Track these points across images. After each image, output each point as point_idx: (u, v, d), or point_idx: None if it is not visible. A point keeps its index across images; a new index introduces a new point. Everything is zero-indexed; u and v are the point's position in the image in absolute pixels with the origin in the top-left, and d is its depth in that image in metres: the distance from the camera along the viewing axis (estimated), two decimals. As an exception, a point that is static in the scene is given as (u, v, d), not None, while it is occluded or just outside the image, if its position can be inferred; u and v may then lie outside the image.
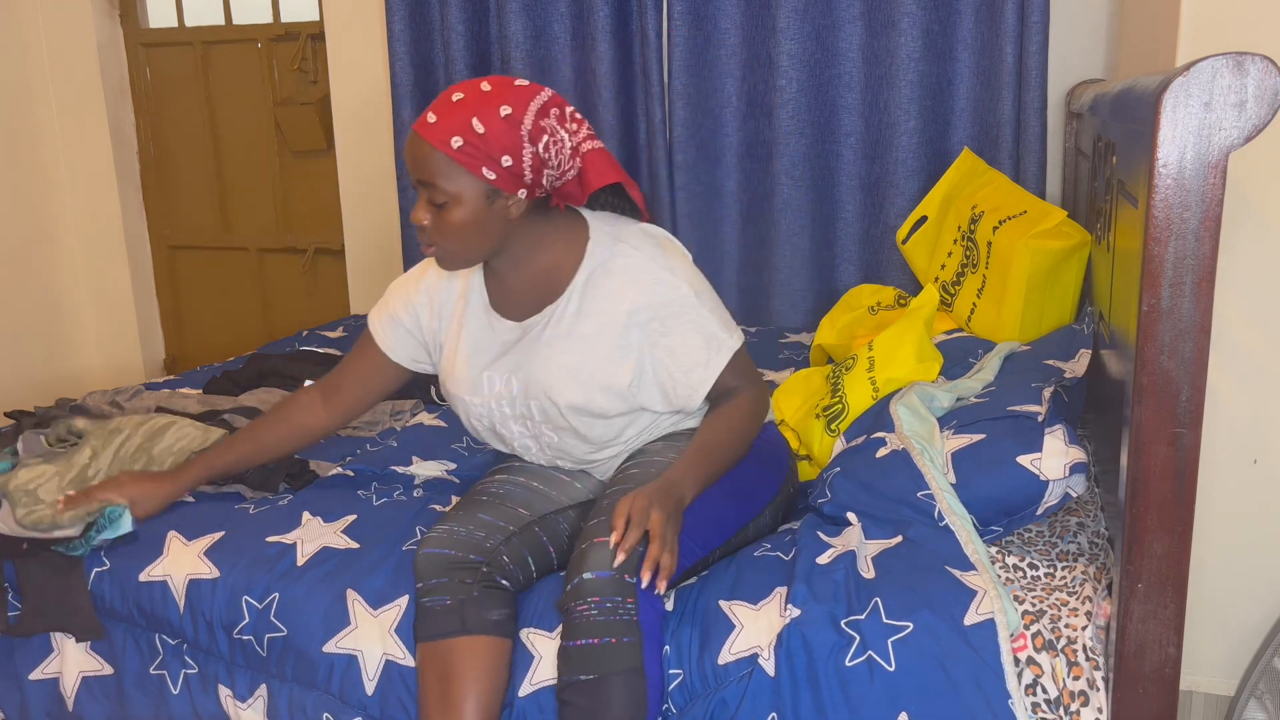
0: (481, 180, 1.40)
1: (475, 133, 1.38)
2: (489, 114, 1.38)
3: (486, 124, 1.38)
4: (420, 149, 1.40)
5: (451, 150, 1.38)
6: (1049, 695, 1.30)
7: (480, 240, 1.45)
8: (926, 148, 2.55)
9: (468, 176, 1.40)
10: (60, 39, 3.50)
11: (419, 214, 1.44)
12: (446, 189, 1.40)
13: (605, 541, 1.37)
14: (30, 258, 3.53)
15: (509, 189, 1.42)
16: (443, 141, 1.38)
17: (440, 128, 1.38)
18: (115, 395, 2.26)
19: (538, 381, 1.52)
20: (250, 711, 1.54)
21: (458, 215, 1.41)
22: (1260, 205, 1.69)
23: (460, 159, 1.38)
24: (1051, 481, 1.45)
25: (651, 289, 1.49)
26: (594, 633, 1.32)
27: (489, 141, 1.38)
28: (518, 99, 1.40)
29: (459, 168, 1.39)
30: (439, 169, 1.39)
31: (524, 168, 1.41)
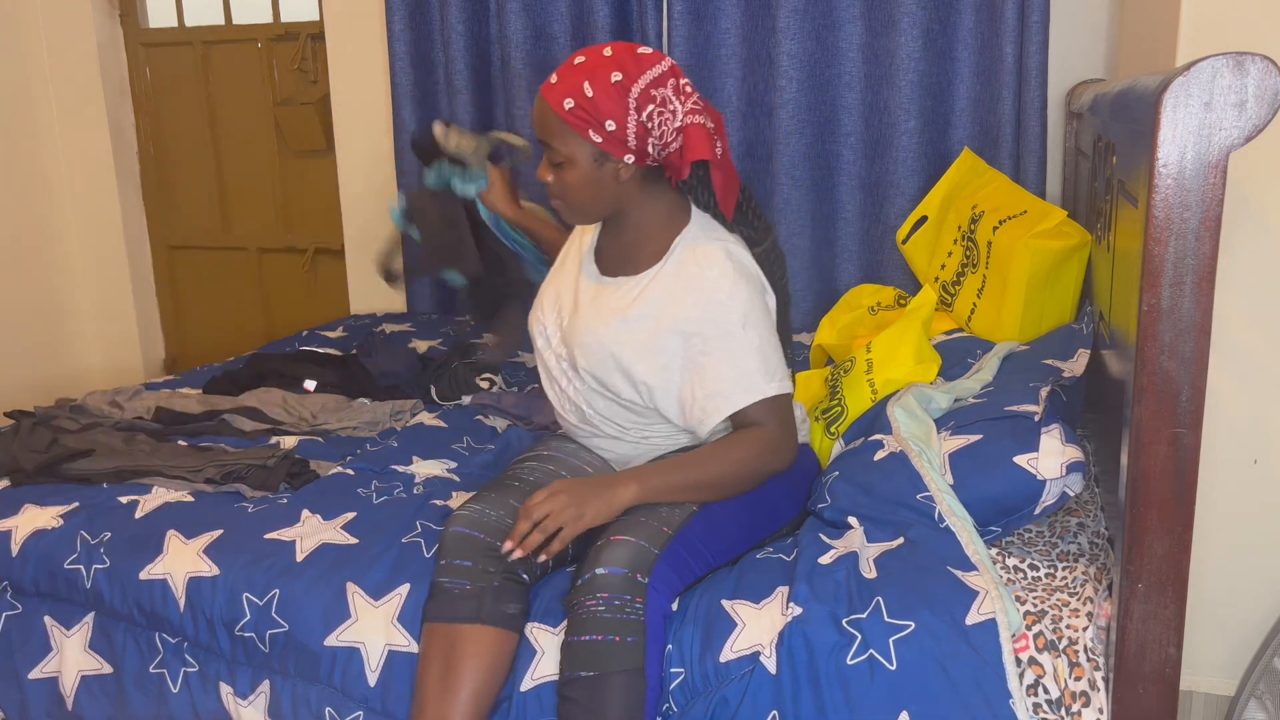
0: (589, 143, 1.47)
1: (585, 96, 1.45)
2: (601, 79, 1.45)
3: (596, 89, 1.44)
4: (541, 108, 1.49)
5: (563, 111, 1.46)
6: (1050, 696, 1.30)
7: (595, 200, 1.53)
8: (926, 148, 2.55)
9: (577, 138, 1.47)
10: (60, 39, 3.50)
11: (542, 171, 1.54)
12: (560, 149, 1.49)
13: (623, 540, 1.38)
14: (30, 258, 3.53)
15: (616, 153, 1.48)
16: (557, 103, 1.46)
17: (557, 89, 1.47)
18: (115, 395, 2.26)
19: (574, 336, 1.59)
20: (251, 709, 1.54)
21: (572, 175, 1.50)
22: (1260, 205, 1.69)
23: (570, 120, 1.46)
24: (1048, 481, 1.46)
25: (706, 305, 1.51)
26: (599, 629, 1.32)
27: (596, 106, 1.45)
28: (634, 66, 1.46)
29: (570, 129, 1.47)
30: (554, 129, 1.48)
31: (628, 134, 1.46)
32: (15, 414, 2.21)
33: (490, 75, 2.93)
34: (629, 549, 1.37)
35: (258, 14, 3.43)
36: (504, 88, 2.85)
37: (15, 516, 1.73)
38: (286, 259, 3.59)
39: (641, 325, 1.54)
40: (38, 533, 1.69)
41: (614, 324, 1.55)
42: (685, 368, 1.53)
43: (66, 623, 1.66)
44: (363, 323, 3.02)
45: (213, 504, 1.72)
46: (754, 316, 1.52)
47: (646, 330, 1.53)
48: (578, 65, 1.47)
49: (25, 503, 1.76)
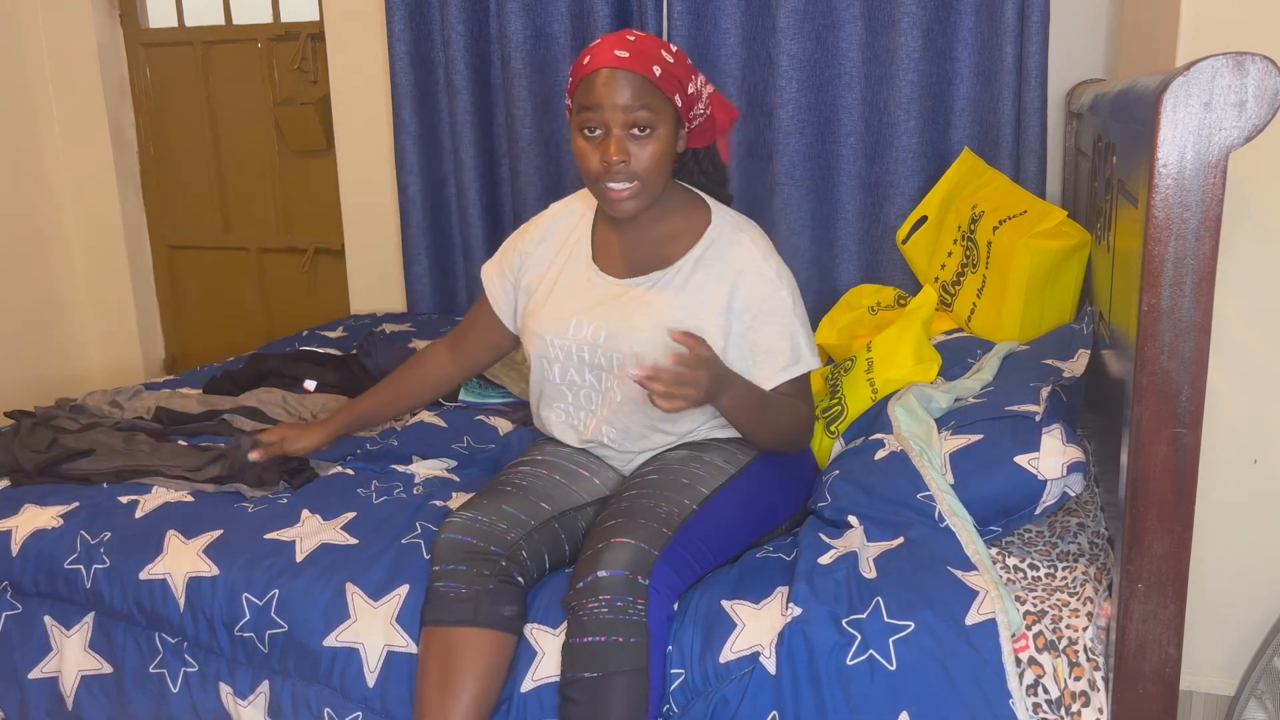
0: (673, 106, 1.50)
1: (667, 61, 1.48)
2: (666, 48, 1.51)
3: (669, 54, 1.50)
4: (621, 81, 1.45)
5: (654, 76, 1.46)
6: (1050, 696, 1.30)
7: (666, 172, 1.52)
8: (926, 148, 2.55)
9: (667, 103, 1.49)
10: (60, 39, 3.50)
11: (618, 150, 1.45)
12: (652, 114, 1.47)
13: (623, 542, 1.37)
14: (30, 258, 3.53)
15: (685, 120, 1.53)
16: (647, 68, 1.46)
17: (638, 58, 1.46)
18: (115, 395, 2.26)
19: (626, 335, 1.56)
20: (251, 709, 1.54)
21: (657, 145, 1.48)
22: (1260, 205, 1.69)
23: (662, 84, 1.47)
24: (1049, 481, 1.46)
25: (758, 283, 1.55)
26: (601, 631, 1.32)
27: (678, 68, 1.49)
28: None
29: (661, 93, 1.47)
30: (646, 96, 1.46)
31: (694, 98, 1.53)
32: (15, 414, 2.21)
33: (490, 75, 2.93)
34: (629, 551, 1.37)
35: (258, 14, 3.43)
36: (504, 88, 2.85)
37: (15, 516, 1.74)
38: (286, 259, 3.59)
39: (699, 312, 1.55)
40: (38, 533, 1.69)
41: (674, 315, 1.55)
42: (736, 344, 1.56)
43: (66, 623, 1.66)
44: (363, 323, 3.02)
45: (213, 504, 1.72)
46: (795, 290, 1.58)
47: (704, 317, 1.55)
48: (638, 39, 1.49)
49: (25, 503, 1.76)
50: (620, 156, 1.46)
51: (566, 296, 1.63)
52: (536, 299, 1.66)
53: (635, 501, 1.46)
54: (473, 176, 2.94)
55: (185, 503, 1.73)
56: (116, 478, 1.82)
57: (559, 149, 2.87)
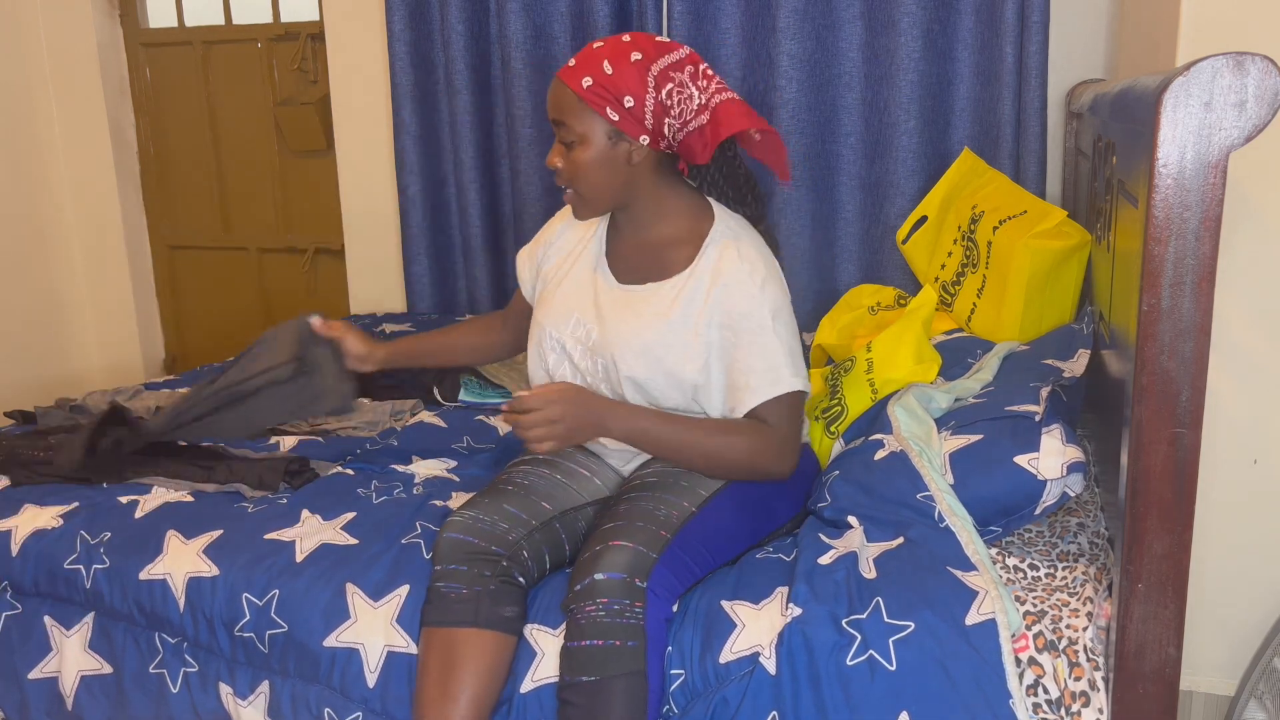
0: (605, 120, 1.49)
1: (604, 73, 1.47)
2: (620, 58, 1.48)
3: (615, 66, 1.48)
4: (556, 89, 1.51)
5: (581, 89, 1.48)
6: (1050, 696, 1.30)
7: (606, 184, 1.53)
8: (926, 148, 2.55)
9: (594, 116, 1.49)
10: (60, 39, 3.50)
11: (552, 157, 1.54)
12: (575, 127, 1.50)
13: (620, 545, 1.37)
14: (30, 258, 3.53)
15: (632, 133, 1.50)
16: (575, 82, 1.48)
17: (576, 70, 1.49)
18: (115, 395, 2.26)
19: (611, 344, 1.56)
20: (251, 709, 1.54)
21: (584, 155, 1.50)
22: (1260, 205, 1.69)
23: (588, 98, 1.48)
24: (1049, 481, 1.45)
25: (738, 298, 1.52)
26: (599, 634, 1.32)
27: (615, 82, 1.47)
28: (653, 49, 1.50)
29: (586, 106, 1.48)
30: (569, 107, 1.49)
31: (645, 111, 1.49)
32: (15, 414, 2.21)
33: (490, 75, 2.93)
34: (627, 554, 1.37)
35: (258, 14, 3.43)
36: (504, 88, 2.85)
37: (15, 516, 1.73)
38: (286, 259, 3.59)
39: (685, 327, 1.54)
40: (38, 533, 1.69)
41: (659, 328, 1.54)
42: (718, 359, 1.54)
43: (66, 623, 1.66)
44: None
45: (213, 504, 1.72)
46: (783, 313, 1.54)
47: (690, 331, 1.53)
48: (597, 48, 1.50)
49: (25, 503, 1.76)
50: (551, 162, 1.54)
51: (573, 291, 1.64)
52: (549, 289, 1.68)
53: (633, 504, 1.46)
54: (473, 176, 2.94)
55: (185, 503, 1.73)
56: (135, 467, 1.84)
57: (559, 149, 2.87)
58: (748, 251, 1.54)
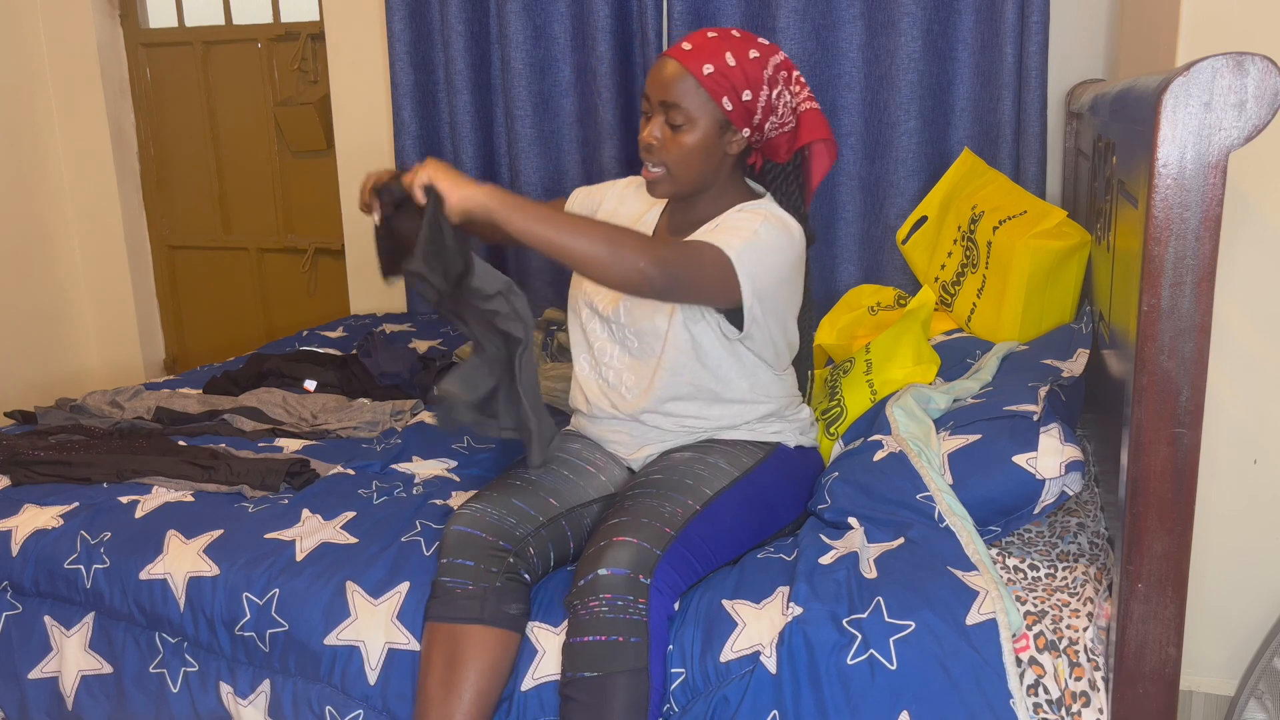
0: (720, 109, 1.52)
1: (727, 64, 1.50)
2: (741, 52, 1.52)
3: (738, 59, 1.51)
4: (671, 70, 1.51)
5: (702, 75, 1.50)
6: (1050, 696, 1.30)
7: (700, 168, 1.55)
8: (926, 148, 2.55)
9: (710, 103, 1.51)
10: (60, 39, 3.50)
11: (651, 132, 1.54)
12: (689, 110, 1.51)
13: (625, 541, 1.38)
14: (30, 258, 3.53)
15: (739, 125, 1.54)
16: (697, 66, 1.50)
17: (695, 54, 1.51)
18: (115, 395, 2.26)
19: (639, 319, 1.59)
20: (251, 708, 1.54)
21: (690, 138, 1.52)
22: (1260, 205, 1.69)
23: (708, 84, 1.50)
24: (1048, 480, 1.46)
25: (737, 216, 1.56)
26: (602, 630, 1.32)
27: (736, 75, 1.50)
28: (764, 49, 1.55)
29: (704, 93, 1.51)
30: (687, 90, 1.50)
31: (757, 107, 1.53)
32: (15, 414, 2.22)
33: (490, 75, 2.93)
34: (631, 550, 1.37)
35: (258, 14, 3.43)
36: (504, 88, 2.85)
37: (15, 516, 1.73)
38: (286, 259, 3.59)
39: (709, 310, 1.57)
40: (38, 533, 1.69)
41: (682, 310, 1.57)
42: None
43: (66, 623, 1.66)
44: (363, 323, 3.02)
45: (213, 504, 1.72)
46: (767, 237, 1.51)
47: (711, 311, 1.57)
48: (713, 38, 1.52)
49: (25, 503, 1.76)
50: (649, 139, 1.54)
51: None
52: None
53: (639, 501, 1.46)
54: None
55: (185, 503, 1.73)
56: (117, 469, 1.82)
57: (559, 149, 2.87)
58: (765, 209, 1.58)
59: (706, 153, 1.54)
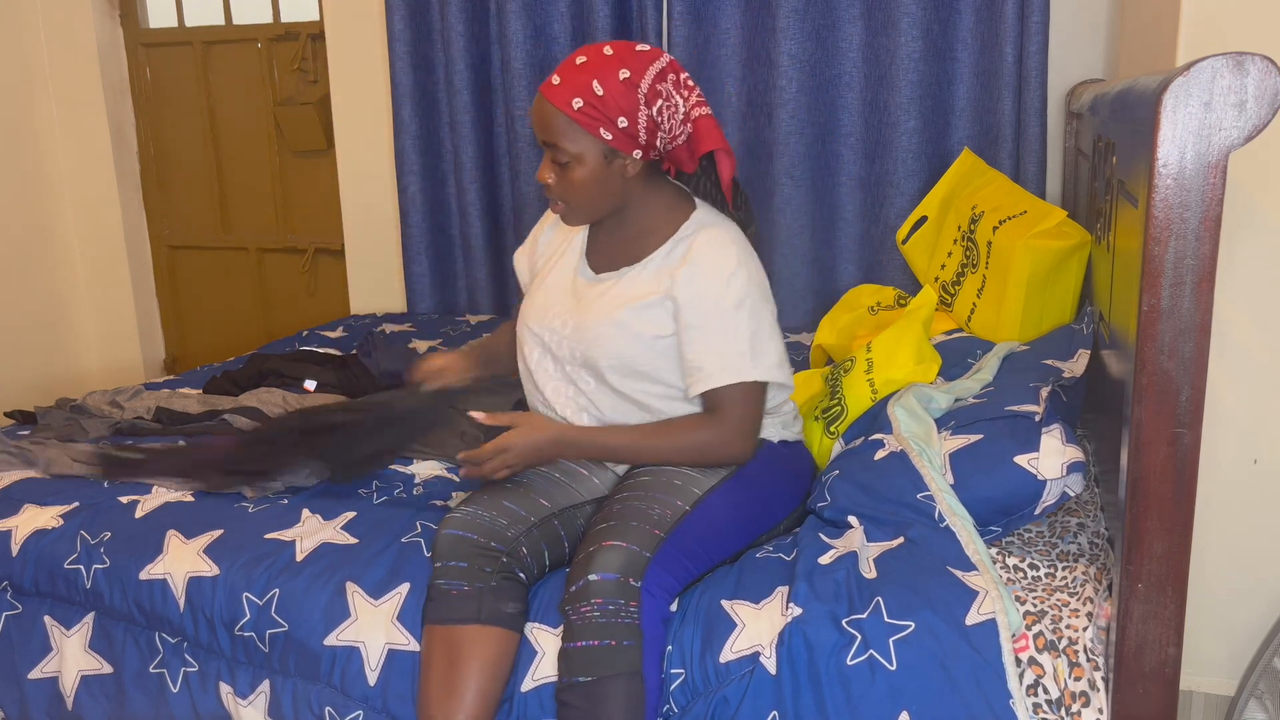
0: (600, 140, 1.48)
1: (595, 94, 1.45)
2: (608, 77, 1.46)
3: (606, 86, 1.45)
4: (544, 110, 1.48)
5: (572, 111, 1.46)
6: (1050, 696, 1.30)
7: (601, 197, 1.53)
8: (926, 148, 2.55)
9: (587, 137, 1.47)
10: (60, 39, 3.50)
11: (544, 173, 1.53)
12: (568, 149, 1.48)
13: (614, 545, 1.38)
14: (30, 258, 3.53)
15: (625, 149, 1.49)
16: (565, 103, 1.46)
17: (563, 89, 1.46)
18: (115, 395, 2.26)
19: (586, 331, 1.56)
20: (251, 709, 1.54)
21: (579, 174, 1.50)
22: (1260, 205, 1.69)
23: (580, 119, 1.46)
24: (1049, 481, 1.46)
25: (704, 281, 1.51)
26: (595, 635, 1.32)
27: (607, 103, 1.45)
28: (637, 63, 1.48)
29: (579, 128, 1.47)
30: (561, 130, 1.47)
31: (639, 129, 1.48)
32: (15, 414, 2.22)
33: (490, 75, 2.93)
34: (620, 554, 1.37)
35: (258, 14, 3.43)
36: (504, 88, 2.85)
37: (15, 516, 1.74)
38: (286, 259, 3.59)
39: (639, 312, 1.54)
40: (38, 533, 1.69)
41: (634, 307, 1.54)
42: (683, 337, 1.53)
43: (66, 623, 1.66)
44: (363, 323, 3.02)
45: (213, 504, 1.72)
46: (751, 302, 1.52)
47: (660, 307, 1.54)
48: (581, 65, 1.47)
49: (25, 503, 1.76)
50: (543, 178, 1.53)
51: (554, 287, 1.64)
52: (534, 285, 1.69)
53: (627, 504, 1.46)
54: (473, 177, 2.94)
55: (185, 503, 1.73)
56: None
57: (559, 149, 2.87)
58: (723, 237, 1.54)
59: (600, 182, 1.51)
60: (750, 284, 1.52)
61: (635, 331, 1.53)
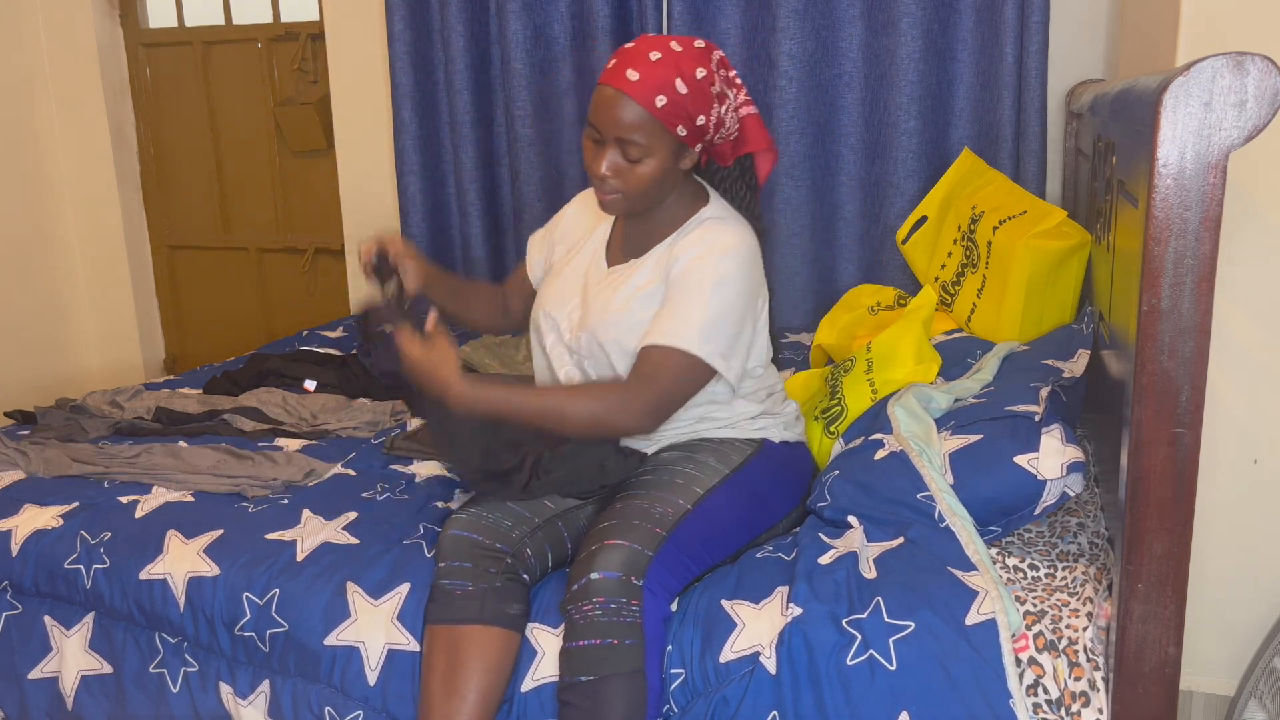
0: (675, 137, 1.48)
1: (678, 92, 1.45)
2: (688, 74, 1.46)
3: (688, 84, 1.45)
4: (620, 104, 1.45)
5: (655, 109, 1.44)
6: (1050, 696, 1.30)
7: (659, 190, 1.52)
8: (926, 148, 2.55)
9: (666, 134, 1.47)
10: (60, 39, 3.50)
11: (604, 165, 1.48)
12: (645, 144, 1.46)
13: (616, 544, 1.38)
14: (30, 258, 3.53)
15: (691, 145, 1.51)
16: (649, 100, 1.44)
17: (644, 86, 1.44)
18: (115, 395, 2.26)
19: (593, 318, 1.57)
20: (251, 708, 1.54)
21: (647, 168, 1.48)
22: (1260, 205, 1.69)
23: (663, 117, 1.45)
24: (1049, 481, 1.46)
25: (691, 257, 1.52)
26: (597, 633, 1.32)
27: (689, 101, 1.46)
28: (705, 60, 1.49)
29: (659, 125, 1.46)
30: (639, 125, 1.45)
31: (709, 126, 1.50)
32: (15, 414, 2.22)
33: (490, 75, 2.93)
34: (622, 553, 1.37)
35: (258, 14, 3.43)
36: (504, 88, 2.85)
37: (15, 516, 1.74)
38: (286, 259, 3.59)
39: (641, 300, 1.55)
40: (38, 533, 1.69)
41: (638, 297, 1.55)
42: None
43: (66, 623, 1.66)
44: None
45: (213, 504, 1.72)
46: (730, 289, 1.49)
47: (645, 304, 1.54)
48: (657, 61, 1.45)
49: (25, 503, 1.77)
50: (608, 173, 1.49)
51: (573, 274, 1.65)
52: (552, 274, 1.69)
53: (628, 503, 1.46)
54: (473, 177, 2.94)
55: (185, 503, 1.73)
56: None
57: (559, 149, 2.87)
58: (726, 229, 1.54)
59: (664, 176, 1.51)
60: (738, 274, 1.50)
61: (639, 319, 1.54)
